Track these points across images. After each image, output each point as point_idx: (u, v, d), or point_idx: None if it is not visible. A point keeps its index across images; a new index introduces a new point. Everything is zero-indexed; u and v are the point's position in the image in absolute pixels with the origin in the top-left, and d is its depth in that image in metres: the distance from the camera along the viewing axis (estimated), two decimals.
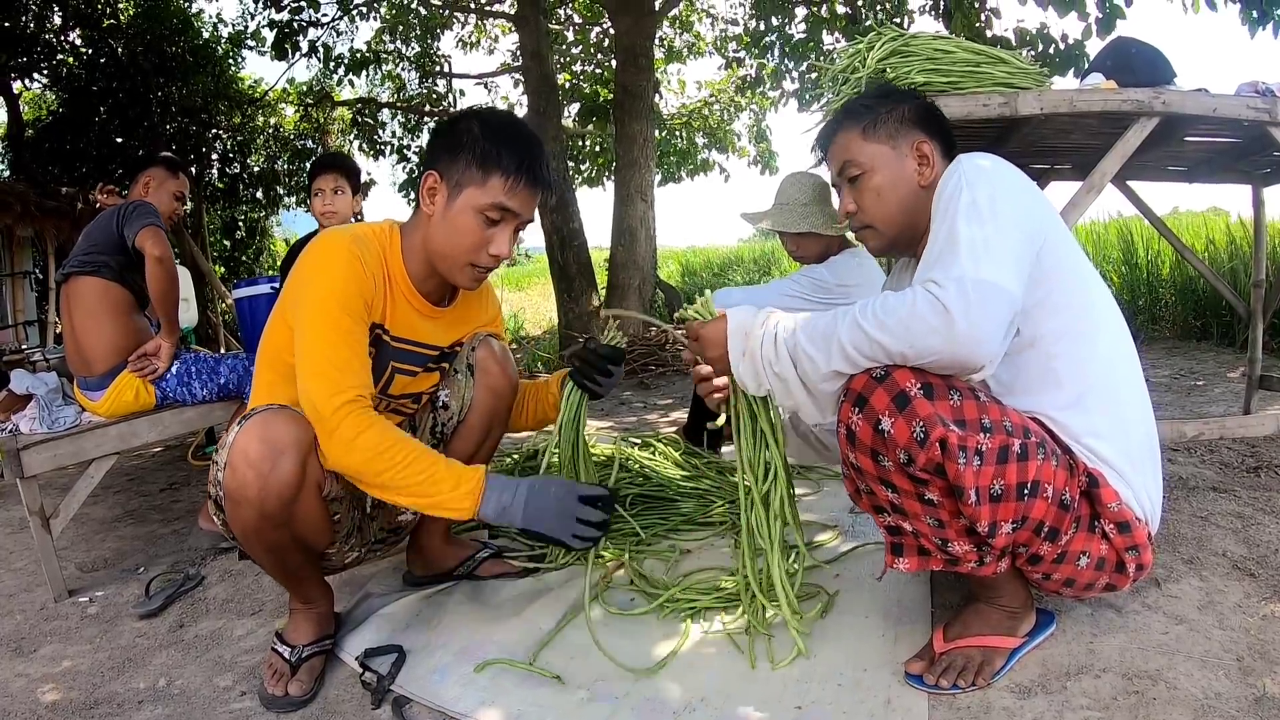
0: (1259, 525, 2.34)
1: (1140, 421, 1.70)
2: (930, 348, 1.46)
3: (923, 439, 1.47)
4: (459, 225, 1.87)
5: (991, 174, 1.63)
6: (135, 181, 3.30)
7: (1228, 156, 3.15)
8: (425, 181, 1.91)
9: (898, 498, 1.61)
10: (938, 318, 1.44)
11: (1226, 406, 4.12)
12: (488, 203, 1.85)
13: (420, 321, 2.06)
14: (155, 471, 4.54)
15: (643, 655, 1.90)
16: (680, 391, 6.14)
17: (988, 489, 1.50)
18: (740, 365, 1.72)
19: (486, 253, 1.91)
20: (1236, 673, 1.63)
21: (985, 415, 1.52)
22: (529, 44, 8.61)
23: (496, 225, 1.89)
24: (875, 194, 1.84)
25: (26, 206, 8.25)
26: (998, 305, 1.46)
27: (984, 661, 1.67)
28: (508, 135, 1.87)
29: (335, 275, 1.83)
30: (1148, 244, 7.77)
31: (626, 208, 8.36)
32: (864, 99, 1.93)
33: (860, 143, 1.85)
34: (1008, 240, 1.52)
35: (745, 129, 13.41)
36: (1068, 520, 1.59)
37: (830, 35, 8.90)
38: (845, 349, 1.53)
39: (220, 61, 11.54)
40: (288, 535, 1.81)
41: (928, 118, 1.86)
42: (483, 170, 1.85)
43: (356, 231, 1.92)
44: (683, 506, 2.85)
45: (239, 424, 1.76)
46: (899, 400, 1.49)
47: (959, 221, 1.54)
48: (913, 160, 1.82)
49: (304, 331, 1.80)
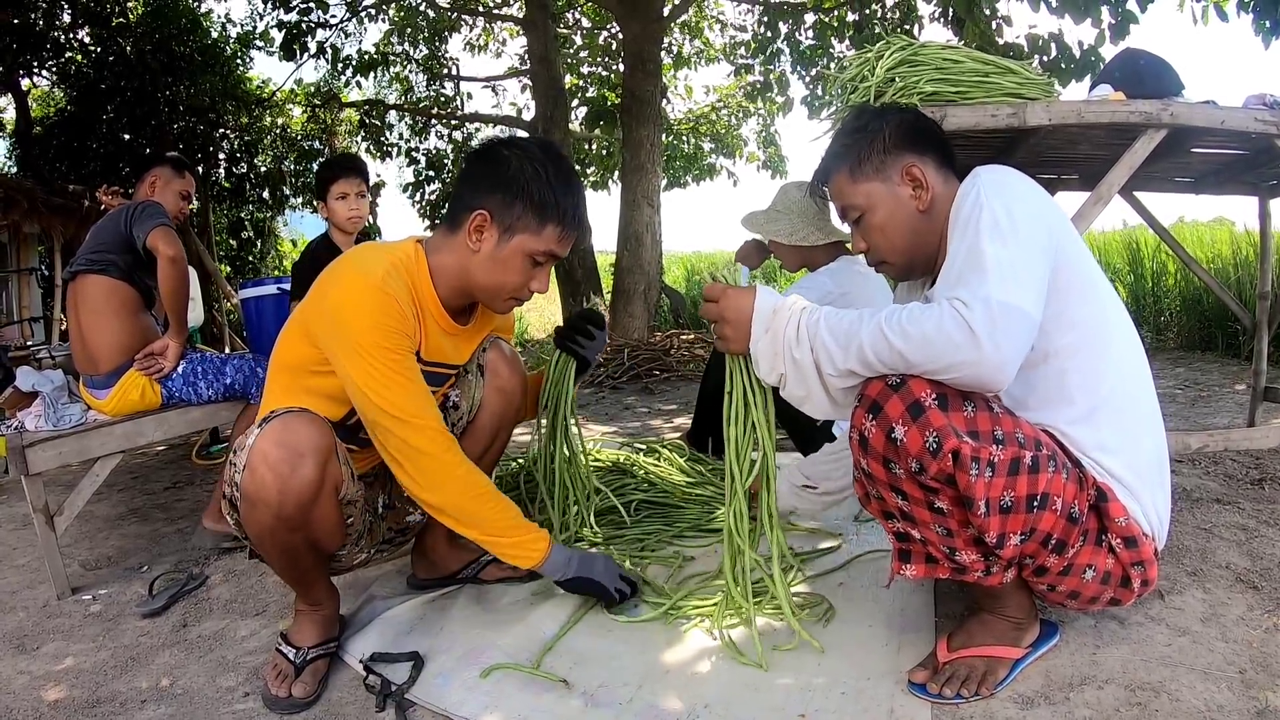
0: (1262, 538, 2.34)
1: (1150, 436, 1.70)
2: (952, 366, 1.46)
3: (935, 449, 1.47)
4: (508, 266, 1.92)
5: (1009, 189, 1.62)
6: (141, 181, 3.29)
7: (1235, 168, 3.16)
8: (473, 220, 1.89)
9: (907, 505, 1.61)
10: (964, 338, 1.44)
11: (1231, 418, 4.11)
12: (542, 250, 1.92)
13: (445, 341, 2.07)
14: (159, 470, 4.55)
15: (646, 662, 1.91)
16: (684, 397, 6.13)
17: (998, 500, 1.50)
18: (760, 342, 1.68)
19: (528, 289, 1.98)
20: (1239, 685, 1.63)
21: (998, 427, 1.52)
22: (537, 48, 8.64)
23: (539, 266, 1.96)
24: (880, 231, 1.84)
25: (34, 203, 8.28)
26: (1021, 329, 1.47)
27: (987, 671, 1.67)
28: (562, 182, 1.91)
29: (379, 318, 1.82)
30: (1153, 254, 7.76)
31: (633, 212, 8.36)
32: (842, 136, 1.90)
33: (851, 186, 1.85)
34: (1030, 262, 1.53)
35: (753, 134, 13.42)
36: (1075, 533, 1.59)
37: (839, 42, 8.92)
38: (864, 351, 1.53)
39: (228, 61, 11.56)
40: (302, 538, 1.82)
41: (911, 135, 1.83)
42: (539, 220, 1.89)
43: (386, 266, 1.87)
44: (687, 513, 2.85)
45: (259, 426, 1.77)
46: (913, 409, 1.49)
47: (982, 239, 1.53)
48: (906, 188, 1.80)
49: (363, 379, 1.80)
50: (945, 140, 1.88)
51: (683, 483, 3.09)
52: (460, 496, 1.90)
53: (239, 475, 1.76)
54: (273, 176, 12.68)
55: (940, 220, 1.77)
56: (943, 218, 1.75)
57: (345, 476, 1.88)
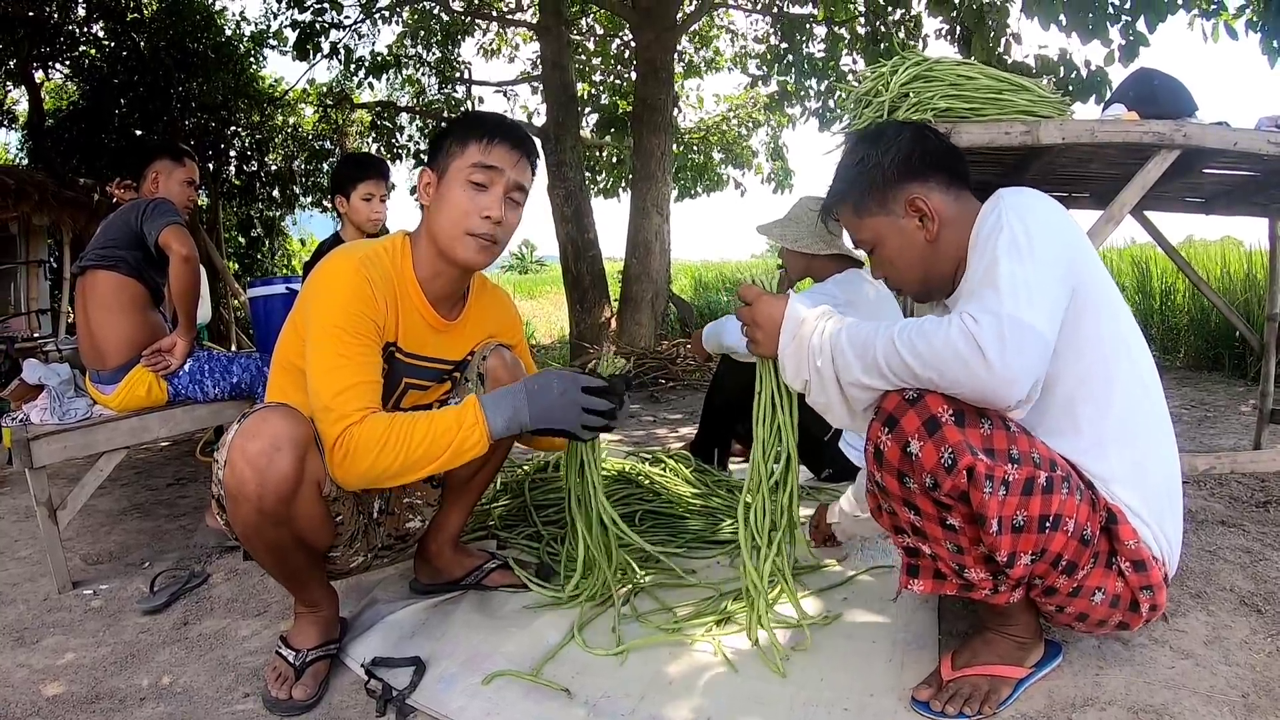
0: (1267, 561, 2.33)
1: (1161, 465, 1.69)
2: (958, 380, 1.46)
3: (950, 465, 1.47)
4: (450, 199, 1.95)
5: (1031, 211, 1.61)
6: (143, 177, 3.28)
7: (1246, 189, 3.15)
8: (420, 180, 2.01)
9: (920, 520, 1.61)
10: (971, 352, 1.44)
11: (1237, 440, 4.10)
12: (468, 165, 1.94)
13: (431, 336, 2.08)
14: (163, 466, 4.55)
15: (649, 673, 1.90)
16: (690, 406, 6.13)
17: (1010, 519, 1.49)
18: (788, 349, 1.71)
19: (478, 217, 1.95)
20: (1241, 709, 1.62)
21: (1014, 446, 1.52)
22: (550, 53, 8.64)
23: (485, 190, 1.95)
24: (890, 264, 1.86)
25: (44, 196, 8.31)
26: (1033, 348, 1.46)
27: (991, 690, 1.67)
28: (481, 114, 2.04)
29: (342, 298, 1.85)
30: (1162, 272, 7.75)
31: (642, 220, 8.36)
32: (843, 169, 1.89)
33: (857, 222, 1.86)
34: (1046, 282, 1.52)
35: (762, 146, 13.42)
36: (1086, 555, 1.58)
37: (849, 55, 8.93)
38: (878, 362, 1.54)
39: (241, 59, 11.57)
40: (288, 534, 1.82)
41: (910, 164, 1.79)
42: (460, 143, 1.96)
43: (367, 251, 1.96)
44: (692, 524, 2.84)
45: (238, 422, 1.77)
46: (929, 424, 1.50)
47: (1000, 257, 1.53)
48: (911, 220, 1.79)
49: (311, 357, 1.82)
50: (952, 156, 1.84)
51: (688, 493, 3.08)
52: (375, 462, 1.76)
53: (222, 472, 1.77)
54: (283, 175, 12.69)
55: (952, 244, 1.76)
56: (955, 241, 1.75)
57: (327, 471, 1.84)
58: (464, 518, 2.38)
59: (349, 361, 1.82)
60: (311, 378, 1.81)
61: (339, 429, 1.76)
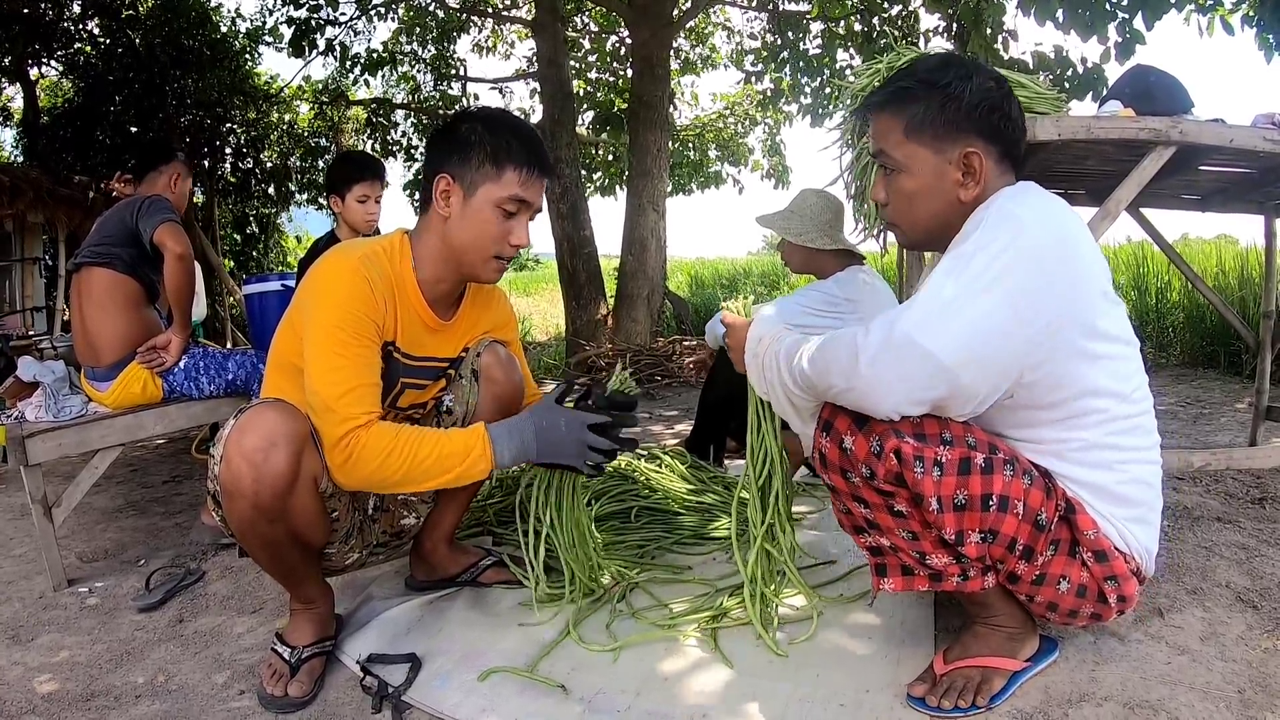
0: (1262, 557, 2.34)
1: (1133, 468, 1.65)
2: (831, 383, 1.53)
3: (879, 451, 1.52)
4: (479, 220, 1.92)
5: (1021, 231, 1.48)
6: (159, 173, 3.26)
7: (1242, 187, 3.16)
8: (437, 185, 1.93)
9: (871, 513, 1.65)
10: (847, 356, 1.49)
11: (1232, 436, 4.11)
12: (505, 196, 1.91)
13: (428, 335, 2.08)
14: (158, 463, 4.55)
15: (645, 669, 1.90)
16: (685, 403, 6.13)
17: (950, 498, 1.52)
18: (751, 367, 1.83)
19: (508, 244, 1.96)
20: (1237, 705, 1.63)
21: (946, 430, 1.54)
22: (545, 51, 8.62)
23: (513, 217, 1.95)
24: (906, 199, 1.70)
25: (39, 193, 8.28)
26: (914, 368, 1.43)
27: (983, 681, 1.68)
28: (512, 130, 1.94)
29: (342, 298, 1.84)
30: (1158, 270, 7.76)
31: (638, 217, 8.34)
32: (917, 78, 1.66)
33: (900, 139, 1.67)
34: (977, 309, 1.43)
35: (759, 142, 13.41)
36: (1043, 541, 1.59)
37: (844, 52, 8.93)
38: (794, 372, 1.63)
39: (237, 56, 11.54)
40: (283, 530, 1.81)
41: (993, 117, 1.63)
42: (496, 166, 1.90)
43: (366, 250, 1.94)
44: (687, 521, 2.84)
45: (234, 419, 1.77)
46: (859, 420, 1.57)
47: (944, 268, 1.50)
48: (956, 171, 1.64)
49: (310, 357, 1.81)
50: (1020, 131, 1.69)
51: (683, 490, 3.08)
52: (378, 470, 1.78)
53: (217, 468, 1.76)
54: (278, 172, 12.66)
55: (967, 216, 1.62)
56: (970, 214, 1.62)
57: (324, 467, 1.83)
58: (459, 515, 2.38)
59: (349, 363, 1.81)
60: (311, 378, 1.80)
61: (342, 430, 1.76)
